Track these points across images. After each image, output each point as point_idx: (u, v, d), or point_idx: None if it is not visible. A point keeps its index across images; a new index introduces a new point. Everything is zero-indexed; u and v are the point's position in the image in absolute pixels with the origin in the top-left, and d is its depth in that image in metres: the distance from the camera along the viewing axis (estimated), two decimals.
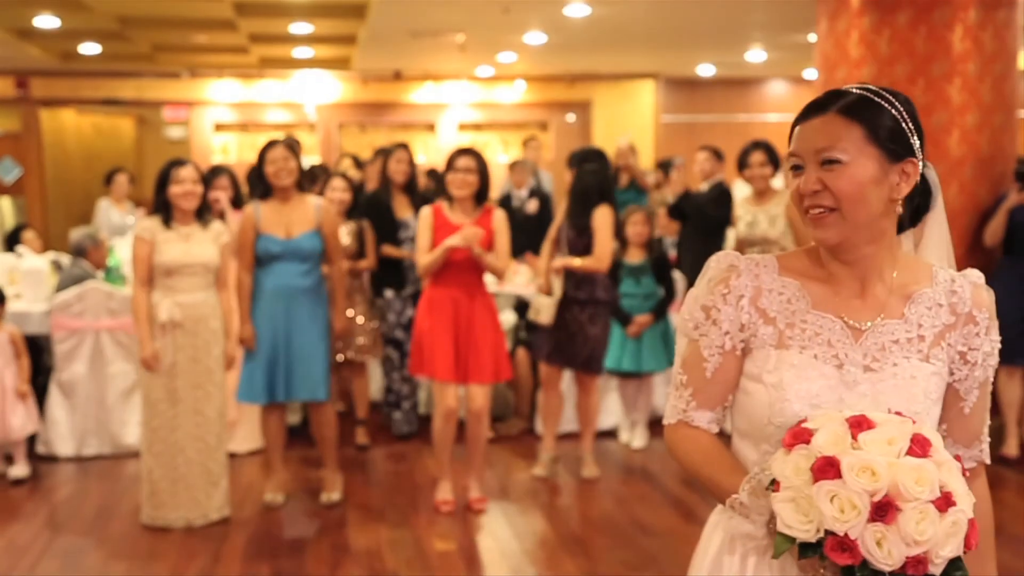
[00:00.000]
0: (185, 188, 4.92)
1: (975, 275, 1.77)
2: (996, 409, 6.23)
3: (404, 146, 6.68)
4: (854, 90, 1.71)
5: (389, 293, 6.48)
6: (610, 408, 6.72)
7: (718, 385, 1.77)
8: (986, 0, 6.16)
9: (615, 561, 4.69)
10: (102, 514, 5.37)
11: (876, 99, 1.68)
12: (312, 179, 7.01)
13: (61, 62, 12.34)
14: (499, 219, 5.23)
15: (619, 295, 6.16)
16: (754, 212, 6.09)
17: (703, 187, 7.53)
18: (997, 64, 6.21)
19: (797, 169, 1.70)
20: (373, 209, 6.51)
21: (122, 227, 9.06)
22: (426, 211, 5.24)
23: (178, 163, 5.02)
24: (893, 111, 1.67)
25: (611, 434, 6.62)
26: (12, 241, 8.34)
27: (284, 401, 5.32)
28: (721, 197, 7.24)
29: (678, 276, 6.63)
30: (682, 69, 13.45)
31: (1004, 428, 6.21)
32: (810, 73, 13.02)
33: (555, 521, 5.25)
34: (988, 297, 1.77)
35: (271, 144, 5.27)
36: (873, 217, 1.66)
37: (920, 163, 1.70)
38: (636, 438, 6.43)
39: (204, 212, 5.05)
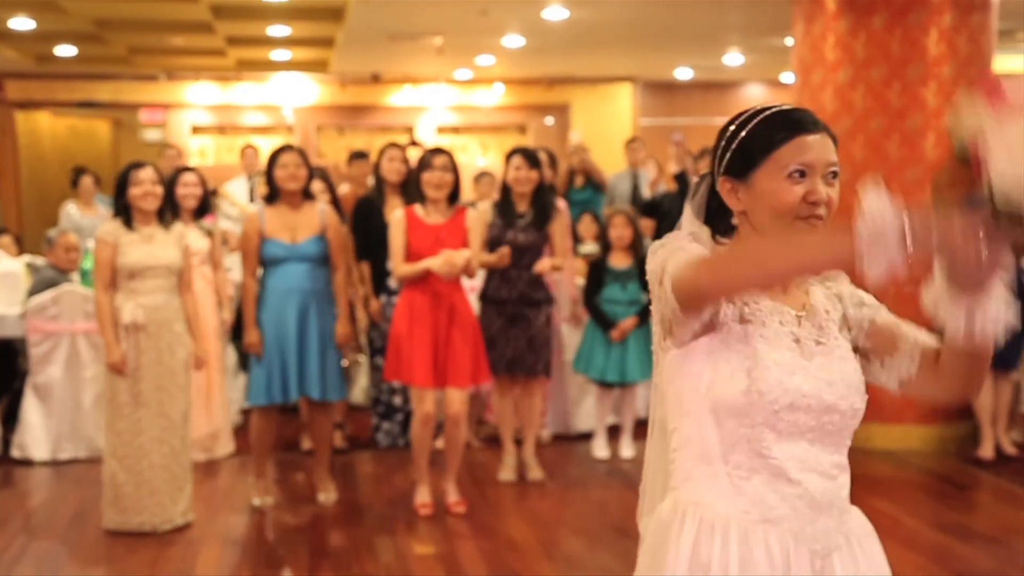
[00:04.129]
0: (144, 189, 4.88)
1: (833, 271, 1.92)
2: (970, 413, 6.31)
3: (396, 144, 6.53)
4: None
5: (382, 299, 6.30)
6: (590, 411, 6.72)
7: None
8: (961, 4, 6.22)
9: (594, 565, 4.69)
10: (77, 519, 5.32)
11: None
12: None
13: (36, 64, 12.26)
14: (472, 219, 5.24)
15: (600, 300, 6.18)
16: None
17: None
18: (972, 67, 6.26)
19: (800, 176, 1.77)
20: (361, 213, 6.30)
21: (89, 229, 8.97)
22: (398, 214, 5.22)
23: (137, 165, 5.00)
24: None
25: (589, 436, 6.61)
26: None
27: (294, 400, 5.34)
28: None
29: None
30: (660, 72, 13.50)
31: (979, 431, 6.25)
32: (787, 76, 13.08)
33: (535, 525, 5.24)
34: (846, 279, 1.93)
35: (284, 149, 5.27)
36: None
37: None
38: (624, 447, 6.37)
39: (165, 213, 5.02)
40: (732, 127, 1.84)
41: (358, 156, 7.72)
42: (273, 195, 5.27)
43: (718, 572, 1.73)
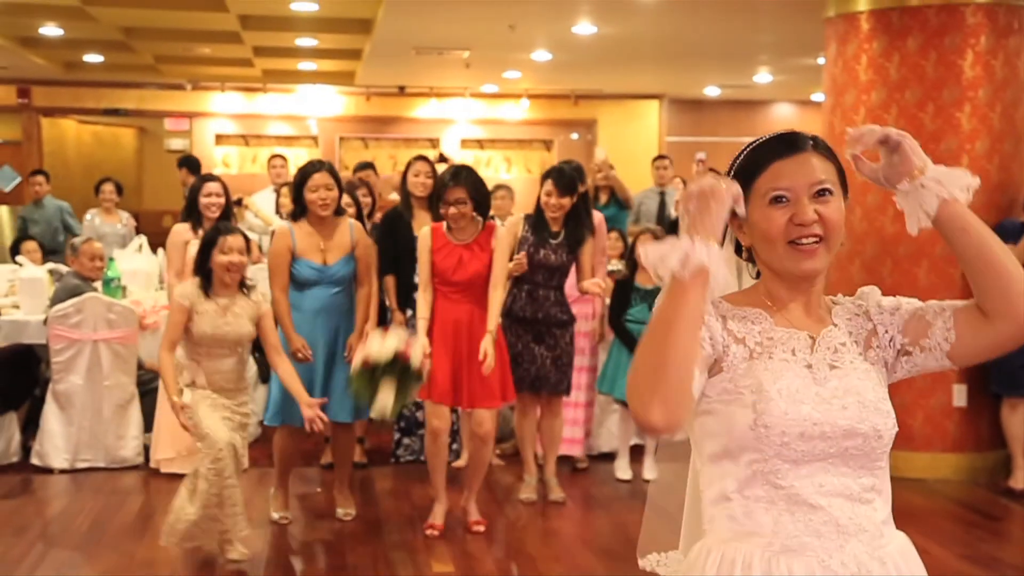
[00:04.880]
0: (231, 259, 4.61)
1: (867, 288, 1.94)
2: (1002, 442, 6.20)
3: (423, 158, 6.42)
4: (808, 135, 1.86)
5: (408, 313, 6.16)
6: (614, 431, 6.64)
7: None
8: (997, 27, 6.13)
9: None
10: (96, 528, 5.29)
11: (829, 149, 1.86)
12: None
13: (64, 71, 12.32)
14: (501, 238, 5.17)
15: (626, 319, 6.12)
16: None
17: None
18: (1007, 91, 6.18)
19: (780, 201, 1.79)
20: (388, 226, 6.20)
21: (111, 237, 8.97)
22: (425, 232, 5.16)
23: (226, 230, 4.70)
24: (836, 160, 1.84)
25: (613, 456, 6.53)
26: (14, 252, 8.28)
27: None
28: None
29: None
30: (688, 90, 13.45)
31: (1012, 460, 6.14)
32: (817, 96, 13.00)
33: (555, 545, 5.18)
34: (879, 295, 1.93)
35: (314, 168, 5.13)
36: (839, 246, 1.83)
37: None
38: (647, 469, 6.29)
39: (245, 283, 4.76)
40: (734, 161, 1.89)
41: (364, 167, 7.71)
42: (300, 212, 5.18)
43: None
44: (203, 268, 4.63)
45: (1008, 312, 1.77)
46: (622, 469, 6.30)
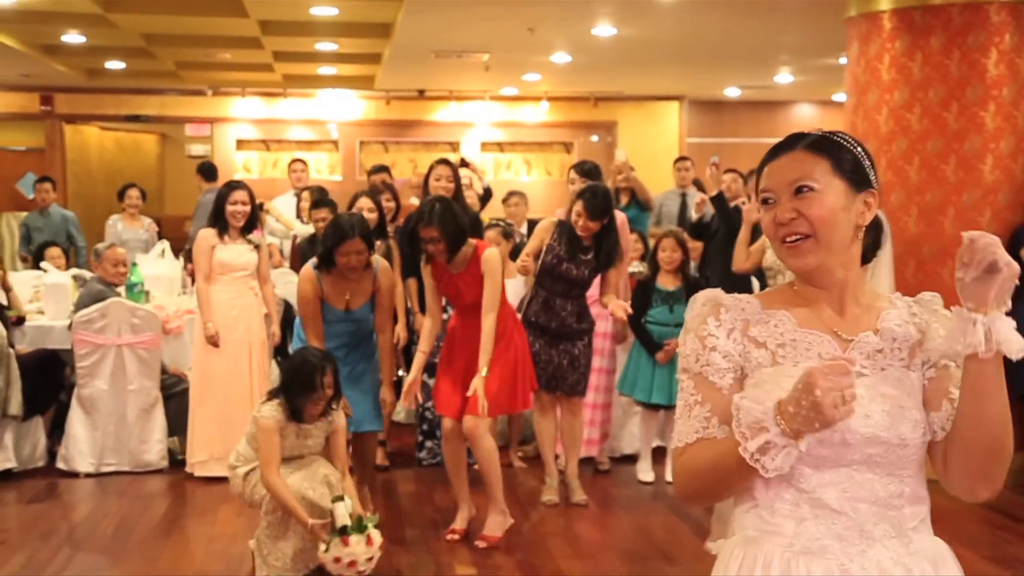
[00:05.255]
0: (316, 399, 4.56)
1: (928, 295, 1.91)
2: (1021, 444, 6.13)
3: (445, 162, 6.38)
4: (813, 133, 1.88)
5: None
6: (635, 433, 6.62)
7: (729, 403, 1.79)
8: (1021, 25, 6.08)
9: None
10: (121, 531, 5.32)
11: (835, 138, 1.86)
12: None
13: (86, 79, 12.41)
14: (487, 263, 5.01)
15: (646, 321, 6.11)
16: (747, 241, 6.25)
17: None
18: None
19: (768, 203, 1.84)
20: (411, 231, 6.24)
21: (133, 243, 9.02)
22: (425, 268, 5.16)
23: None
24: (851, 146, 1.84)
25: (634, 458, 6.51)
26: (38, 258, 8.34)
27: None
28: None
29: None
30: (708, 91, 13.41)
31: None
32: (839, 96, 12.94)
33: (577, 548, 5.17)
34: (941, 307, 1.88)
35: (348, 234, 4.95)
36: (844, 242, 1.81)
37: (878, 195, 1.85)
38: (669, 471, 6.29)
39: (328, 408, 4.67)
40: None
41: (379, 170, 7.72)
42: (327, 267, 5.06)
43: None
44: (293, 404, 4.56)
45: (972, 486, 1.79)
46: (644, 471, 6.29)
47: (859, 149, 1.85)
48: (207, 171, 10.20)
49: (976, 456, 1.74)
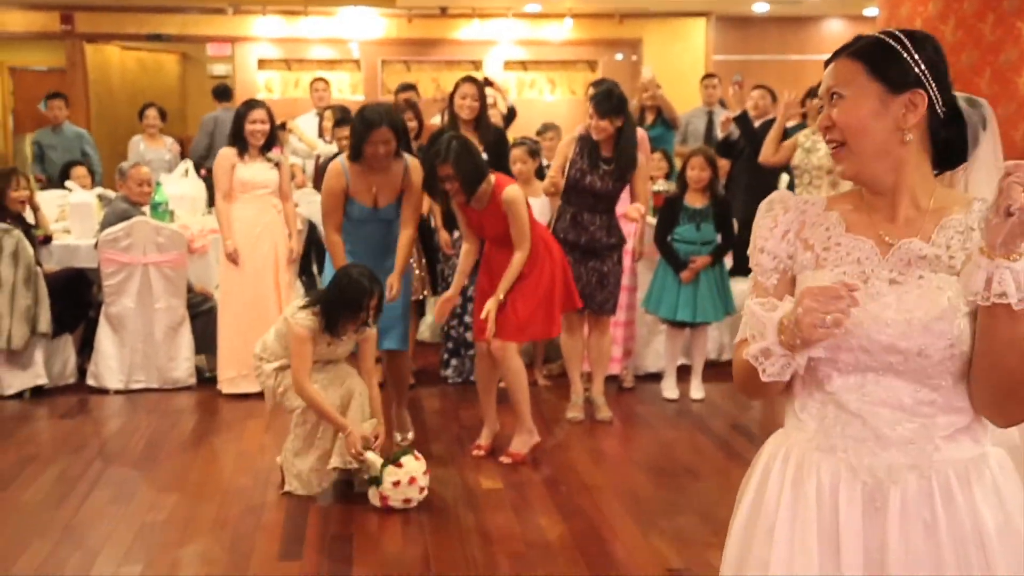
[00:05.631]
0: (357, 319, 4.58)
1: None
2: None
3: (471, 79, 6.28)
4: (868, 36, 1.86)
5: (455, 233, 6.19)
6: (660, 351, 6.63)
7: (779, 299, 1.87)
8: None
9: (662, 504, 4.64)
10: (151, 446, 5.40)
11: (886, 39, 1.80)
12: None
13: None
14: (508, 204, 4.96)
15: (672, 239, 6.08)
16: (814, 140, 6.34)
17: (756, 126, 7.37)
18: None
19: (821, 111, 1.90)
20: (427, 160, 6.17)
21: (156, 162, 9.00)
22: (452, 200, 5.11)
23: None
24: (898, 46, 1.78)
25: (659, 376, 6.52)
26: (64, 176, 8.35)
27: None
28: None
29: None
30: (736, 6, 13.13)
31: None
32: (871, 11, 12.65)
33: (602, 464, 5.21)
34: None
35: (376, 123, 4.92)
36: (880, 147, 1.78)
37: (929, 95, 1.78)
38: (694, 389, 6.30)
39: (363, 326, 4.69)
40: None
41: (405, 88, 7.64)
42: (357, 157, 5.03)
43: (775, 490, 1.86)
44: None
45: (989, 415, 1.79)
46: (669, 389, 6.31)
47: (908, 45, 1.79)
48: (221, 93, 10.19)
49: (988, 391, 1.73)
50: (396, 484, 4.48)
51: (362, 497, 4.62)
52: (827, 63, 1.88)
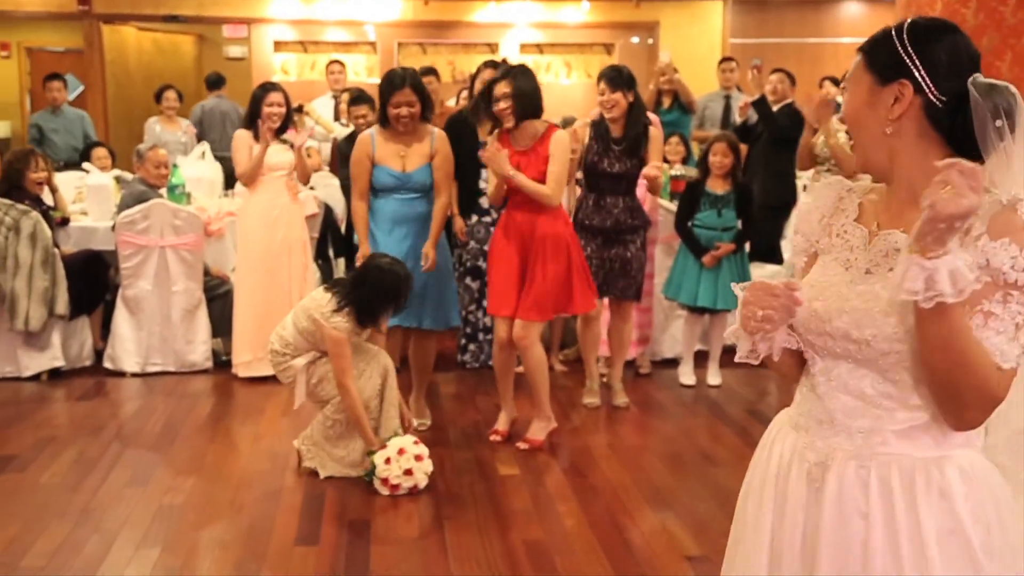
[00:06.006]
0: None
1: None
2: None
3: (492, 63, 6.29)
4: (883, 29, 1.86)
5: (473, 219, 6.23)
6: (677, 337, 6.61)
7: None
8: None
9: (679, 490, 4.63)
10: (168, 429, 5.42)
11: (887, 30, 1.80)
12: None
13: None
14: (556, 143, 4.99)
15: (693, 225, 6.06)
16: (838, 126, 6.29)
17: (774, 109, 7.32)
18: None
19: None
20: (452, 131, 5.94)
21: (172, 144, 8.99)
22: (491, 139, 5.10)
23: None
24: (893, 36, 1.77)
25: (676, 362, 6.50)
26: (83, 157, 8.34)
27: (410, 328, 5.27)
28: (794, 116, 7.10)
29: None
30: None
31: None
32: None
33: (619, 450, 5.20)
34: (1016, 220, 1.67)
35: (397, 85, 5.04)
36: (874, 139, 1.79)
37: (915, 84, 1.73)
38: (711, 375, 6.29)
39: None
40: None
41: (426, 73, 7.60)
42: (384, 121, 5.14)
43: (762, 462, 1.95)
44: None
45: (940, 413, 1.75)
46: (686, 375, 6.29)
47: (904, 35, 1.77)
48: (214, 82, 10.25)
49: (932, 392, 1.72)
50: (387, 461, 4.50)
51: None
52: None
